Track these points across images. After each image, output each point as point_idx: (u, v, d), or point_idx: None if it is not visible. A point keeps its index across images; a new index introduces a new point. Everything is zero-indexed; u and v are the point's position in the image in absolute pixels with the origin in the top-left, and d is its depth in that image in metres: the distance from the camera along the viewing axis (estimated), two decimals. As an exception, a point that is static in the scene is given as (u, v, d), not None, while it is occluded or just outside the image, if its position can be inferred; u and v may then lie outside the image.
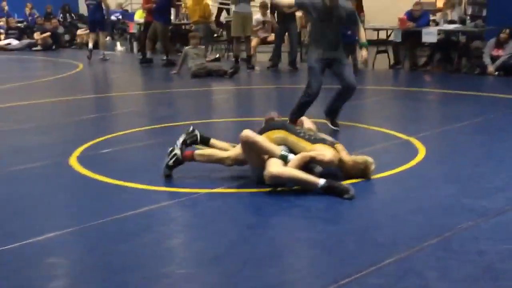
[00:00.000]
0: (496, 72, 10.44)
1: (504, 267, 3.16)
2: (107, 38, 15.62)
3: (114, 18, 19.36)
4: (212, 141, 5.08)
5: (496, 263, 3.21)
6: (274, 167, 4.37)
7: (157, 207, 4.17)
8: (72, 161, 5.34)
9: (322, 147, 4.63)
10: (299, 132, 4.78)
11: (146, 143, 6.19)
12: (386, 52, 12.27)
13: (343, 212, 4.06)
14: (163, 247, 3.53)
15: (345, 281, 3.02)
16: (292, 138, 4.71)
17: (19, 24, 19.65)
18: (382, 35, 13.04)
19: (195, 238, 3.75)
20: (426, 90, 9.64)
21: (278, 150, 4.52)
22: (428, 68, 11.63)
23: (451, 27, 11.50)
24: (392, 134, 6.24)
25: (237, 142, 4.77)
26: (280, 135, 4.74)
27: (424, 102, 8.70)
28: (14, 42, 17.96)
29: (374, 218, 3.95)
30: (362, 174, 4.66)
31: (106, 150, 5.74)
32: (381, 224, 3.83)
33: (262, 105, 8.89)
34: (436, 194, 4.37)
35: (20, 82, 11.09)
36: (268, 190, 4.41)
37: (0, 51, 17.42)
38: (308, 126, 5.22)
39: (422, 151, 5.50)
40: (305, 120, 5.45)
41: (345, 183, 4.37)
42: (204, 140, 5.08)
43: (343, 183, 4.34)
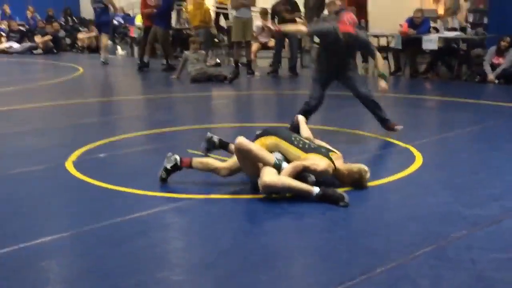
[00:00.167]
0: (497, 80, 10.44)
1: (497, 276, 3.15)
2: (109, 42, 15.63)
3: (115, 22, 19.38)
4: (231, 146, 5.11)
5: (489, 272, 3.19)
6: (268, 176, 4.35)
7: (152, 212, 4.16)
8: (69, 165, 5.34)
9: (315, 156, 4.59)
10: (293, 140, 4.74)
11: (144, 148, 6.19)
12: (386, 58, 12.27)
13: (337, 219, 4.04)
14: (158, 252, 3.52)
15: (337, 288, 3.01)
16: (284, 145, 4.69)
17: (20, 27, 19.69)
18: (383, 41, 13.06)
19: (189, 244, 3.74)
20: (426, 97, 9.64)
21: (272, 159, 4.51)
22: (429, 75, 11.63)
23: (451, 34, 11.51)
24: (390, 141, 6.24)
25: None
26: (272, 141, 4.74)
27: (423, 109, 8.70)
28: (15, 45, 17.99)
29: (368, 226, 3.94)
30: (357, 183, 4.63)
31: (103, 155, 5.74)
32: (375, 231, 3.82)
33: (262, 111, 8.90)
34: (431, 202, 4.36)
35: (20, 85, 11.11)
36: (263, 196, 4.40)
37: (1, 54, 17.46)
38: (306, 133, 5.21)
39: (419, 158, 5.49)
40: (301, 122, 5.44)
41: (340, 190, 4.36)
42: (223, 145, 5.27)
43: (338, 190, 4.33)
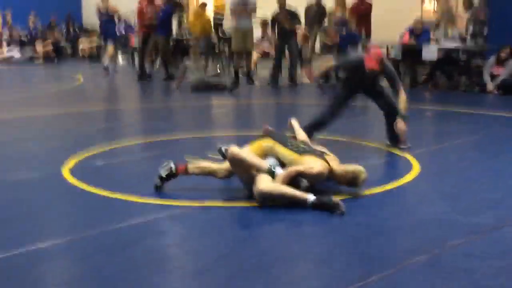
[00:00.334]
0: (496, 91, 10.43)
1: (493, 285, 3.13)
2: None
3: (117, 31, 19.36)
4: None
5: (485, 280, 3.18)
6: (264, 184, 4.35)
7: (148, 220, 4.14)
8: (66, 172, 5.33)
9: (310, 159, 4.60)
10: (288, 143, 4.76)
11: (141, 156, 6.19)
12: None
13: (333, 227, 4.03)
14: (154, 259, 3.51)
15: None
16: (279, 148, 4.70)
17: (21, 36, 19.73)
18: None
19: (184, 251, 3.73)
20: (425, 107, 9.63)
21: (265, 165, 4.51)
22: (428, 85, 11.62)
23: (451, 45, 11.52)
24: (387, 150, 6.23)
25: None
26: (268, 143, 4.75)
27: (422, 119, 8.68)
28: (16, 54, 18.03)
29: (364, 234, 3.92)
30: (353, 183, 4.61)
31: (101, 162, 5.74)
32: (370, 239, 3.80)
33: (261, 120, 8.89)
34: (428, 210, 4.35)
35: (19, 93, 11.12)
36: (258, 204, 4.40)
37: (3, 63, 17.49)
38: (302, 136, 5.21)
39: (416, 167, 5.48)
40: (295, 125, 5.44)
41: (335, 198, 4.34)
42: None
43: (333, 198, 4.30)
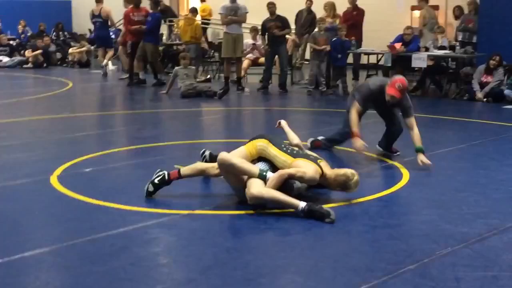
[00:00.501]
0: (485, 99, 10.46)
1: (480, 295, 3.13)
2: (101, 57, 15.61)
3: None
4: None
5: (473, 291, 3.17)
6: (256, 188, 4.36)
7: (135, 228, 4.11)
8: (53, 179, 5.28)
9: (303, 162, 4.60)
10: (282, 146, 4.76)
11: (129, 163, 6.16)
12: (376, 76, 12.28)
13: (322, 236, 4.01)
14: (141, 268, 3.48)
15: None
16: (273, 149, 4.71)
17: (10, 42, 19.61)
18: (373, 59, 13.10)
19: (172, 260, 3.70)
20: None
21: (256, 170, 4.50)
22: (417, 93, 11.64)
23: (441, 52, 11.55)
24: (377, 158, 6.22)
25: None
26: (263, 143, 4.75)
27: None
28: (5, 59, 17.92)
29: (353, 243, 3.91)
30: (345, 186, 4.61)
31: (88, 169, 5.69)
32: (359, 249, 3.79)
33: (251, 126, 8.89)
34: (417, 219, 4.34)
35: (8, 99, 11.05)
36: (247, 212, 4.38)
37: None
38: (295, 140, 5.21)
39: (406, 176, 5.48)
40: (285, 126, 5.45)
41: (326, 206, 4.33)
42: (214, 158, 5.10)
43: (324, 206, 4.30)
